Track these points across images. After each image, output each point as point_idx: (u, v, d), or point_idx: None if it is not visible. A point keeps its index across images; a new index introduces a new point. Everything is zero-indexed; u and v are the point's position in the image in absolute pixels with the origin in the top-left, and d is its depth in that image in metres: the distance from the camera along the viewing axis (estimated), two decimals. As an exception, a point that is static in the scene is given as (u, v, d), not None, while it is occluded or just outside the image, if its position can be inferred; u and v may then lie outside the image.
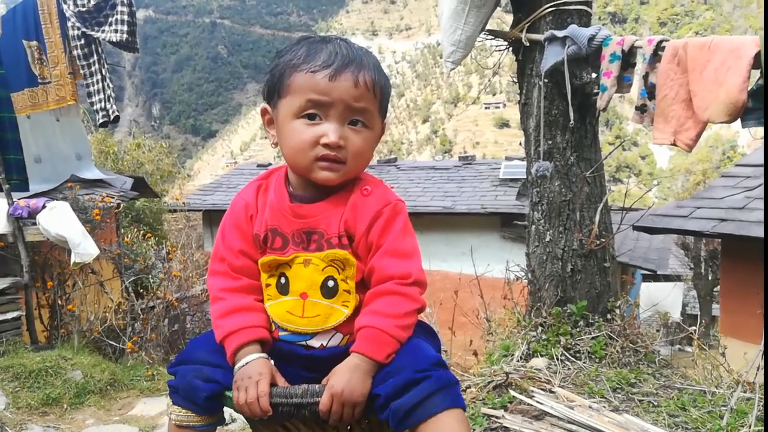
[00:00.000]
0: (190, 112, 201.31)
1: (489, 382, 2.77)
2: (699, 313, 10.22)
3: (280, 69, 1.19)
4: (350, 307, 1.20)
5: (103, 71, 4.30)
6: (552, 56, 3.18)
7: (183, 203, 11.95)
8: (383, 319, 1.14)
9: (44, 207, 4.54)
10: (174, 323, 5.35)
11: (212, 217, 12.63)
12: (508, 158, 11.74)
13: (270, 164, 15.33)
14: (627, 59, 2.97)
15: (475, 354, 3.48)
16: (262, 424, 1.18)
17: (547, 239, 3.50)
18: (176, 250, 6.62)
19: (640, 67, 2.93)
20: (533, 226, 3.60)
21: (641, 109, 2.97)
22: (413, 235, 1.23)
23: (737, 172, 5.63)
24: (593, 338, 3.22)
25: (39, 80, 4.43)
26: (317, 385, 1.12)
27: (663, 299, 9.37)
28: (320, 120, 1.16)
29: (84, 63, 4.28)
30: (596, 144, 3.55)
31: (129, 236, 7.02)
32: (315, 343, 1.22)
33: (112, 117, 4.34)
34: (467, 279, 4.17)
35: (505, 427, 2.32)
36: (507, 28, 3.68)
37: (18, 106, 4.56)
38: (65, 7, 4.20)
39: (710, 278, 12.15)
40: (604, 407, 2.50)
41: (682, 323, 4.57)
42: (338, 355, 1.17)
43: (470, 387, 2.77)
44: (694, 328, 3.41)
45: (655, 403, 2.62)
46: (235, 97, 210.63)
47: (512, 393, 2.61)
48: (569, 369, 3.01)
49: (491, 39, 3.78)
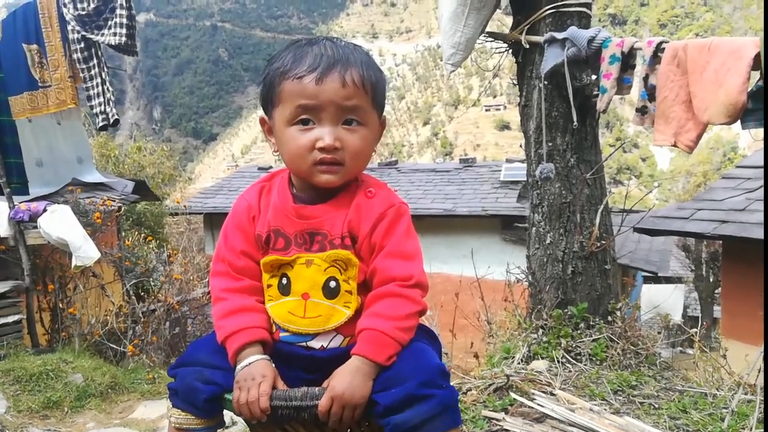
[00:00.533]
0: (191, 115, 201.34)
1: (490, 385, 2.76)
2: (700, 315, 10.20)
3: (270, 78, 1.20)
4: (352, 308, 1.21)
5: (103, 74, 4.30)
6: (552, 58, 3.18)
7: (184, 206, 11.93)
8: (384, 322, 1.14)
9: (45, 210, 4.55)
10: (175, 326, 5.35)
11: (213, 220, 12.62)
12: (509, 160, 11.75)
13: (271, 167, 15.33)
14: (627, 61, 2.97)
15: (476, 356, 3.48)
16: (261, 427, 1.18)
17: (548, 241, 3.49)
18: (177, 253, 6.62)
19: (640, 69, 2.93)
20: (534, 229, 3.60)
21: (642, 111, 2.96)
22: (416, 238, 1.24)
23: (738, 174, 5.63)
24: (594, 340, 3.22)
25: (39, 84, 4.44)
26: (317, 388, 1.13)
27: (664, 301, 9.35)
28: (314, 124, 1.17)
29: (84, 66, 4.29)
30: (596, 146, 3.55)
31: (130, 239, 7.00)
32: (315, 345, 1.22)
33: (112, 120, 4.35)
34: (468, 281, 4.18)
35: (506, 430, 2.32)
36: (507, 30, 3.67)
37: (16, 110, 4.56)
38: (65, 11, 4.21)
39: (711, 280, 12.14)
40: (605, 410, 2.50)
41: (683, 325, 4.58)
42: (338, 357, 1.17)
43: (471, 389, 2.77)
44: (695, 330, 3.41)
45: (656, 406, 2.61)
46: (236, 100, 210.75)
47: (513, 395, 2.61)
48: (570, 371, 3.01)
49: (491, 41, 3.78)
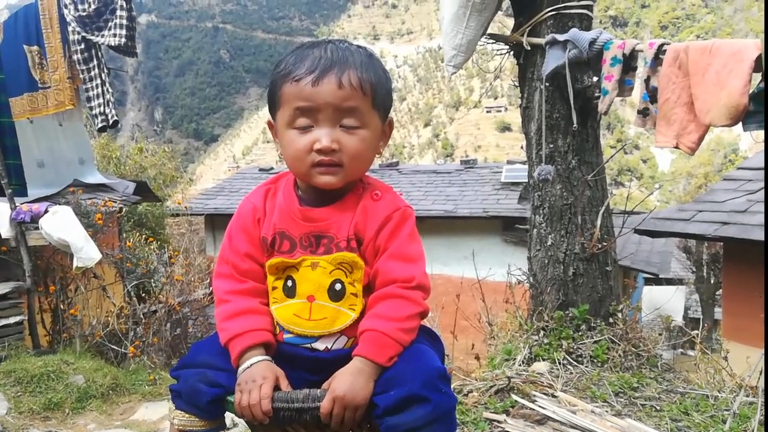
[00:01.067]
0: (193, 117, 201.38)
1: (491, 387, 2.76)
2: (701, 317, 10.17)
3: (274, 81, 1.21)
4: (357, 311, 1.21)
5: (103, 76, 4.30)
6: (553, 60, 3.18)
7: (185, 207, 11.92)
8: (385, 323, 1.14)
9: (47, 211, 4.56)
10: (176, 327, 5.36)
11: (214, 222, 12.62)
12: (510, 162, 11.76)
13: (272, 168, 15.35)
14: (628, 63, 2.96)
15: (477, 358, 3.48)
16: (263, 429, 1.18)
17: (549, 243, 3.49)
18: (178, 255, 6.62)
19: (642, 71, 2.93)
20: (535, 230, 3.60)
21: (643, 113, 2.96)
22: (419, 242, 1.24)
23: (739, 176, 5.62)
24: (595, 342, 3.22)
25: (39, 85, 4.44)
26: (319, 390, 1.12)
27: (665, 303, 9.33)
28: (312, 127, 1.17)
29: (84, 68, 4.28)
30: (598, 147, 3.55)
31: (131, 240, 7.01)
32: (320, 346, 1.22)
33: (111, 122, 4.34)
34: (469, 283, 4.18)
35: (508, 432, 2.31)
36: (508, 32, 3.68)
37: (16, 111, 4.57)
38: (66, 12, 4.21)
39: (712, 282, 12.12)
40: (607, 412, 2.50)
41: (685, 327, 4.57)
42: (342, 358, 1.17)
43: (472, 391, 2.77)
44: (697, 332, 3.42)
45: (658, 408, 2.61)
46: (238, 102, 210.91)
47: (514, 397, 2.61)
48: (571, 373, 3.01)
49: (492, 43, 3.79)
